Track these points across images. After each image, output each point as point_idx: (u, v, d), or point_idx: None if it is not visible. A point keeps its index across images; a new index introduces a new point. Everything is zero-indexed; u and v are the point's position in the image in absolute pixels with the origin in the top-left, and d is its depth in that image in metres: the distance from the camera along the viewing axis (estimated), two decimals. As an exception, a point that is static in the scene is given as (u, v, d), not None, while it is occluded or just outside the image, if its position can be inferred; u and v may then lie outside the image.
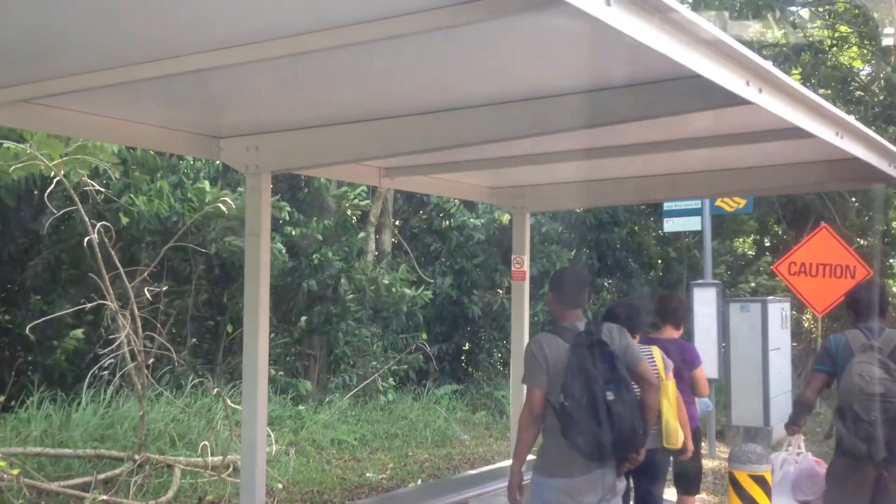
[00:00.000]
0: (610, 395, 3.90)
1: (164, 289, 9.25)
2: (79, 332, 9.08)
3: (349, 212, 12.56)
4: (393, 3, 2.71)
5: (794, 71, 15.40)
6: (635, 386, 4.13)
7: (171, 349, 8.16)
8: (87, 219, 7.40)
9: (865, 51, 16.43)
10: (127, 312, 7.51)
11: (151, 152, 9.63)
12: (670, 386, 5.08)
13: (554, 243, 14.22)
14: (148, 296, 7.93)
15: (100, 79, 3.43)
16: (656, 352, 5.23)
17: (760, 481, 4.62)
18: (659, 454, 5.10)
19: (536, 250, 13.67)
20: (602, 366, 3.97)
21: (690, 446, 5.22)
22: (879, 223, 16.20)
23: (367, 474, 8.54)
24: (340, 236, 12.30)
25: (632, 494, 5.29)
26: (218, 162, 9.99)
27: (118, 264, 7.61)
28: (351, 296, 11.84)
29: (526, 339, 6.64)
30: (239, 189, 9.98)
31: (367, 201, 12.97)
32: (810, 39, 16.29)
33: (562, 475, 4.06)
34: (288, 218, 10.91)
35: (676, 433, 5.00)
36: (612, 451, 3.94)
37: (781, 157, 5.34)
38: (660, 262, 17.44)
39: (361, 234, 12.68)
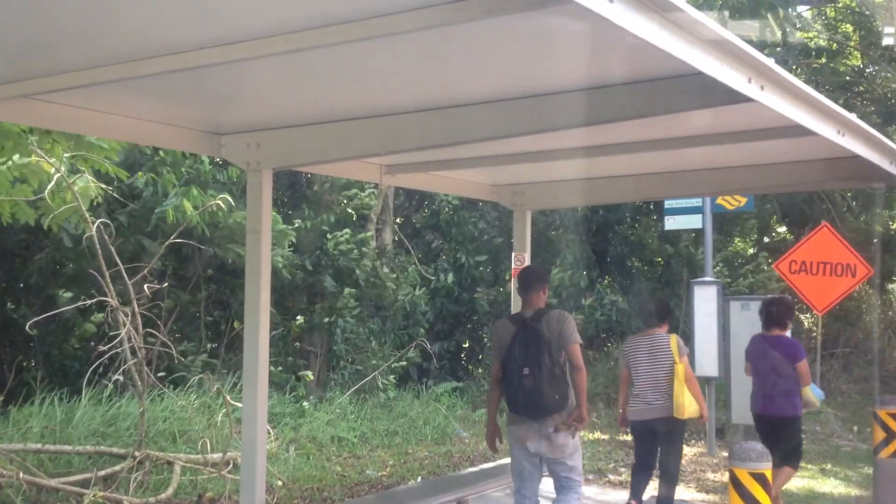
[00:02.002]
0: (525, 371, 5.03)
1: (166, 285, 9.24)
2: (92, 325, 8.99)
3: (350, 210, 12.57)
4: (394, 0, 2.71)
5: (796, 71, 15.39)
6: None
7: (172, 346, 8.15)
8: (87, 216, 7.40)
9: (869, 53, 16.41)
10: (128, 309, 7.50)
11: (180, 153, 9.70)
12: (680, 368, 6.24)
13: (555, 241, 14.23)
14: (147, 293, 7.92)
15: (101, 75, 3.43)
16: (673, 340, 6.39)
17: (761, 479, 4.61)
18: (669, 423, 6.26)
19: (539, 247, 13.69)
20: (530, 347, 5.07)
21: (706, 415, 6.60)
22: (880, 222, 16.19)
23: (367, 472, 8.55)
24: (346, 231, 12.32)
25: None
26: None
27: (118, 262, 7.61)
28: (350, 292, 11.81)
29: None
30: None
31: (375, 201, 12.97)
32: (810, 39, 16.28)
33: (511, 423, 5.28)
34: (290, 246, 10.98)
35: (682, 406, 6.15)
36: (529, 411, 5.10)
37: (782, 155, 5.34)
38: (659, 259, 17.43)
39: (369, 233, 12.68)
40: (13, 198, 6.70)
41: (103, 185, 7.81)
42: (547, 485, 5.42)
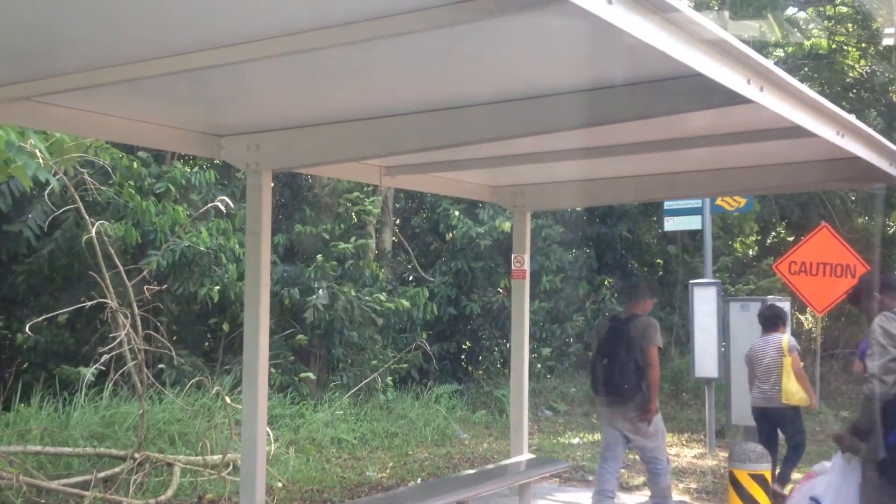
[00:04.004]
0: (605, 362, 6.13)
1: (165, 287, 9.26)
2: (89, 370, 8.85)
3: (354, 215, 12.56)
4: (394, 1, 2.71)
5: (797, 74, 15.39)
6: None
7: (171, 348, 8.15)
8: (86, 216, 7.41)
9: (868, 55, 16.41)
10: (126, 310, 7.50)
11: (136, 163, 9.74)
12: (787, 361, 7.28)
13: (555, 242, 14.22)
14: (147, 295, 7.92)
15: (101, 77, 3.43)
16: (785, 339, 7.44)
17: (760, 480, 4.62)
18: (781, 408, 7.35)
19: (537, 249, 13.68)
20: (613, 343, 6.14)
21: (814, 403, 7.64)
22: (879, 223, 16.19)
23: (367, 473, 8.54)
24: (345, 238, 12.30)
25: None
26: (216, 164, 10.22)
27: (118, 263, 7.61)
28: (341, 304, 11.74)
29: (527, 338, 6.95)
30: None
31: (377, 211, 12.93)
32: (809, 39, 16.29)
33: (600, 405, 6.63)
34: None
35: (788, 392, 7.24)
36: (606, 395, 6.26)
37: (782, 156, 5.34)
38: (660, 261, 17.44)
39: (369, 240, 12.66)
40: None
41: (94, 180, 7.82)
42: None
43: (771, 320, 7.66)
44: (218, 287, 10.19)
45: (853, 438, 4.55)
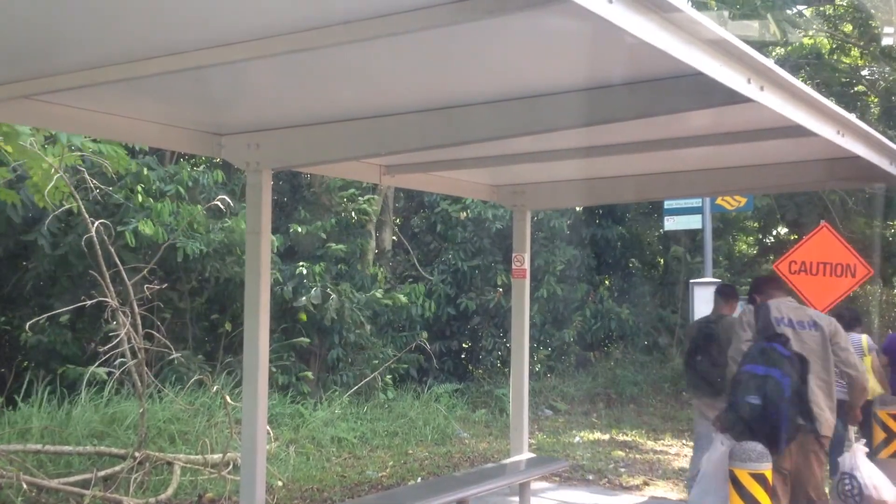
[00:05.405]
0: (699, 358, 6.60)
1: (165, 286, 9.25)
2: (96, 369, 8.93)
3: (353, 214, 12.56)
4: (394, 0, 2.71)
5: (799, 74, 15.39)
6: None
7: (171, 346, 8.14)
8: (86, 215, 7.40)
9: (867, 53, 16.40)
10: (127, 309, 7.50)
11: (144, 170, 9.82)
12: (867, 359, 7.58)
13: (557, 239, 14.23)
14: (147, 293, 7.92)
15: (101, 75, 3.43)
16: (864, 338, 7.83)
17: (761, 479, 4.61)
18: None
19: (539, 245, 13.69)
20: (703, 341, 6.61)
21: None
22: (879, 223, 16.19)
23: (367, 472, 8.54)
24: (343, 237, 12.29)
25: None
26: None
27: (118, 262, 7.60)
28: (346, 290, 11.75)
29: (527, 337, 6.99)
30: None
31: (375, 208, 12.91)
32: (810, 37, 16.28)
33: (693, 398, 7.03)
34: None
35: (870, 390, 7.11)
36: (702, 389, 6.64)
37: (782, 155, 5.35)
38: (660, 260, 17.43)
39: (369, 240, 12.65)
40: None
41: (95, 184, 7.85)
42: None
43: (849, 321, 7.94)
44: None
45: (726, 418, 5.28)
